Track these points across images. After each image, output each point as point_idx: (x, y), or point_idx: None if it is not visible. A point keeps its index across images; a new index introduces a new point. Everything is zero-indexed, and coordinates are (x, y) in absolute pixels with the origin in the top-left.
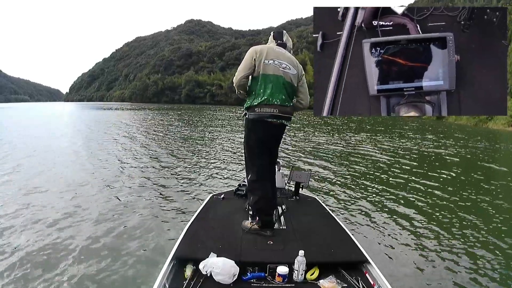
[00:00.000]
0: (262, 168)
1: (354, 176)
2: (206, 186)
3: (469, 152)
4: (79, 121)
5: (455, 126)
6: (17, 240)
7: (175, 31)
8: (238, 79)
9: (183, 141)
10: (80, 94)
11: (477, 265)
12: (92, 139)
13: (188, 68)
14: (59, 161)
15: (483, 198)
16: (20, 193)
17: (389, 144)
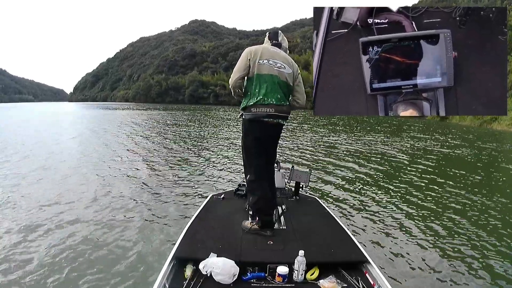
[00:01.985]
0: (260, 168)
1: (354, 176)
2: (206, 186)
3: (476, 152)
4: (84, 121)
5: (459, 127)
6: (16, 240)
7: (179, 31)
8: (234, 80)
9: (184, 141)
10: (84, 94)
11: (477, 266)
12: (92, 138)
13: (192, 68)
14: (59, 158)
15: (486, 199)
16: (22, 188)
17: (390, 144)
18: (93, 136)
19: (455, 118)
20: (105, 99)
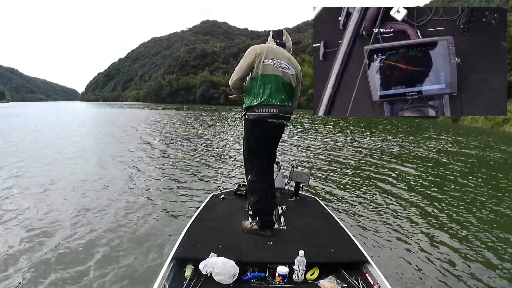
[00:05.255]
0: (261, 168)
1: (355, 176)
2: (206, 186)
3: (475, 153)
4: (89, 118)
5: (471, 129)
6: (16, 239)
7: (191, 31)
8: (234, 81)
9: (185, 141)
10: (96, 93)
11: (478, 266)
12: (92, 138)
13: (203, 68)
14: (58, 157)
15: (487, 199)
16: (21, 187)
17: (390, 144)
18: (90, 134)
19: (466, 120)
20: (117, 99)
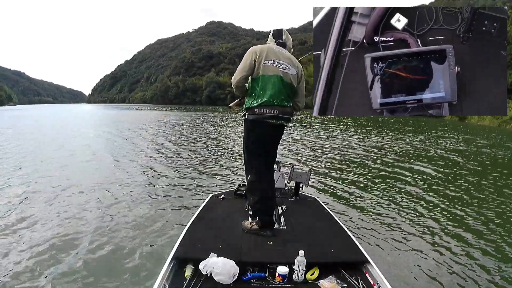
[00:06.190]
0: (261, 168)
1: (355, 176)
2: (206, 186)
3: (477, 151)
4: (93, 121)
5: (479, 127)
6: (15, 238)
7: (196, 33)
8: (237, 80)
9: (185, 141)
10: (102, 96)
11: (478, 266)
12: (92, 137)
13: (209, 69)
14: (57, 160)
15: (489, 199)
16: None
17: (391, 144)
18: (96, 136)
19: (473, 118)
20: (123, 101)
